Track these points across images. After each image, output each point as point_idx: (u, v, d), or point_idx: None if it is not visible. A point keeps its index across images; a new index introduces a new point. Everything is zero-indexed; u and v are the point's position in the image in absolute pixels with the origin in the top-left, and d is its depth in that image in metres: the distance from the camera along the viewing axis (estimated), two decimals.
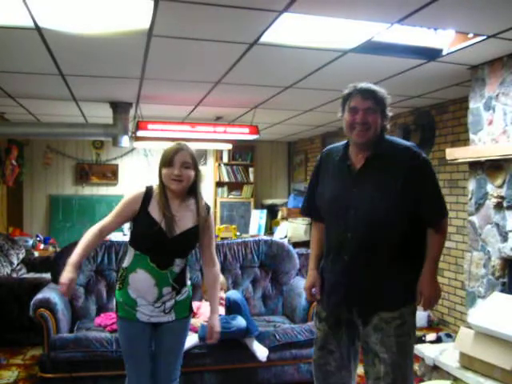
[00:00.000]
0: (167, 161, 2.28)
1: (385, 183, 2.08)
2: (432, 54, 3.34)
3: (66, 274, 2.16)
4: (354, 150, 2.18)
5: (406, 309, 2.13)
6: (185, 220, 2.31)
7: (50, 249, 6.74)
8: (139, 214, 2.29)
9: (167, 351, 2.39)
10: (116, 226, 2.38)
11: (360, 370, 2.31)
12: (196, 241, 2.37)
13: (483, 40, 2.99)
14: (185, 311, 2.40)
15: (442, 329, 4.83)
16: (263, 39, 3.02)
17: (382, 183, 2.09)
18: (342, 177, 2.19)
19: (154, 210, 2.28)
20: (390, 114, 2.15)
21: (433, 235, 2.15)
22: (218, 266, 2.50)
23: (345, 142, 2.26)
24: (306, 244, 6.23)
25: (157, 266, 2.27)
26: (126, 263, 2.35)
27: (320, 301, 2.33)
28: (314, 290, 2.32)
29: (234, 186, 8.82)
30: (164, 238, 2.26)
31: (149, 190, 2.33)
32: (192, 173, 2.30)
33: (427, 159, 2.16)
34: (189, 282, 2.45)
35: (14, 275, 4.96)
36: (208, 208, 2.43)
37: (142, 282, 2.27)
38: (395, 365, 2.07)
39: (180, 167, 2.26)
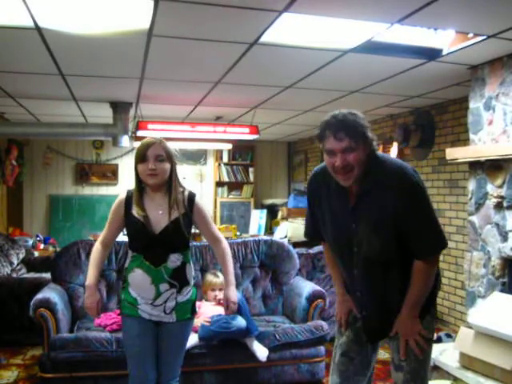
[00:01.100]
0: (141, 156, 2.31)
1: (377, 221, 1.91)
2: (432, 54, 3.34)
3: (89, 299, 2.36)
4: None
5: (424, 319, 2.06)
6: (172, 212, 2.33)
7: (50, 249, 6.73)
8: (126, 218, 2.37)
9: (167, 351, 2.39)
10: (114, 235, 2.48)
11: None
12: (185, 231, 2.35)
13: (483, 40, 2.99)
14: (186, 313, 2.39)
15: (442, 329, 4.83)
16: (263, 39, 3.02)
17: (375, 221, 1.92)
18: (341, 209, 2.02)
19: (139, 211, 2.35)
20: (373, 136, 1.91)
21: (418, 265, 1.94)
22: (224, 242, 2.51)
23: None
24: (305, 244, 6.23)
25: (151, 263, 2.31)
26: (126, 264, 2.44)
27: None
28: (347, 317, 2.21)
29: (233, 186, 8.82)
30: (150, 235, 2.30)
31: (130, 193, 2.40)
32: (167, 165, 2.32)
33: (418, 183, 1.90)
34: (192, 282, 2.44)
35: (14, 275, 4.96)
36: (192, 196, 2.42)
37: (139, 280, 2.33)
38: (414, 372, 2.02)
39: (154, 161, 2.28)
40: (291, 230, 7.20)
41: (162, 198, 2.35)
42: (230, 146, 7.29)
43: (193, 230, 2.48)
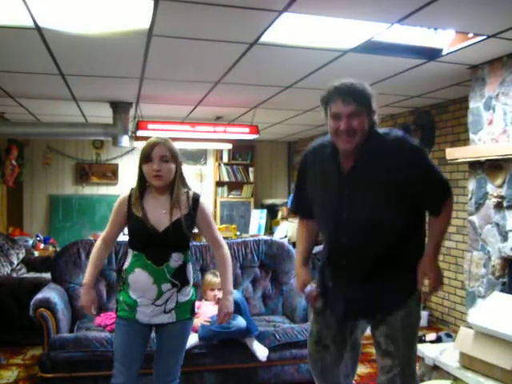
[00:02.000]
0: (145, 156, 2.28)
1: (376, 183, 1.98)
2: (432, 54, 3.34)
3: (84, 297, 2.34)
4: (342, 150, 2.05)
5: (411, 299, 2.07)
6: (174, 212, 2.30)
7: (50, 248, 6.73)
8: (129, 216, 2.33)
9: (167, 352, 2.38)
10: (116, 233, 2.44)
11: (360, 370, 2.31)
12: (186, 232, 2.34)
13: (483, 40, 2.99)
14: (186, 313, 2.39)
15: (442, 329, 4.83)
16: (263, 39, 3.02)
17: (373, 183, 1.98)
18: (333, 178, 2.07)
19: (143, 208, 2.32)
20: (376, 108, 2.00)
21: (435, 219, 2.07)
22: (225, 247, 2.46)
23: (325, 138, 2.16)
24: None
25: (153, 262, 2.27)
26: (126, 265, 2.37)
27: (317, 296, 2.20)
28: (308, 287, 2.19)
29: (233, 186, 8.81)
30: (153, 233, 2.27)
31: (133, 191, 2.38)
32: (172, 166, 2.29)
33: (415, 145, 2.05)
34: (192, 282, 2.43)
35: (14, 275, 4.96)
36: (197, 197, 2.39)
37: (140, 280, 2.28)
38: (402, 357, 2.03)
39: (159, 161, 2.25)
40: (291, 229, 7.19)
41: (166, 197, 2.32)
42: (229, 146, 7.29)
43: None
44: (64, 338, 3.17)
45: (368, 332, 2.24)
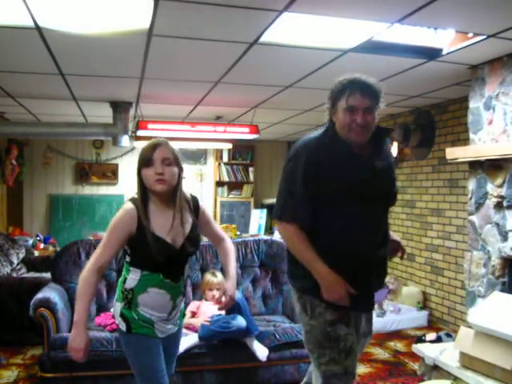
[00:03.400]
0: (146, 159, 2.05)
1: (389, 171, 2.16)
2: (432, 54, 3.34)
3: (79, 338, 1.96)
4: (350, 143, 2.04)
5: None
6: (185, 224, 2.14)
7: (50, 248, 6.73)
8: (138, 234, 2.03)
9: (170, 358, 2.32)
10: (113, 257, 2.14)
11: (360, 370, 2.31)
12: (198, 237, 2.23)
13: (483, 40, 2.99)
14: (182, 317, 2.33)
15: (442, 328, 4.83)
16: (263, 39, 3.02)
17: (389, 176, 2.17)
18: (360, 167, 2.06)
19: (155, 225, 2.06)
20: (383, 104, 2.06)
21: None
22: (228, 241, 2.34)
23: (323, 132, 2.09)
24: None
25: (172, 280, 2.10)
26: (130, 284, 2.10)
27: (328, 307, 2.08)
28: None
29: (233, 186, 8.81)
30: (172, 251, 2.07)
31: (136, 205, 2.07)
32: (175, 170, 2.08)
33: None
34: None
35: (14, 275, 4.96)
36: (196, 201, 2.25)
37: (156, 300, 2.09)
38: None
39: (161, 164, 2.04)
40: None
41: (170, 207, 2.10)
42: (229, 146, 7.29)
43: None
44: (64, 338, 3.16)
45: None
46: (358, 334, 2.19)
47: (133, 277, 2.09)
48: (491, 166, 3.41)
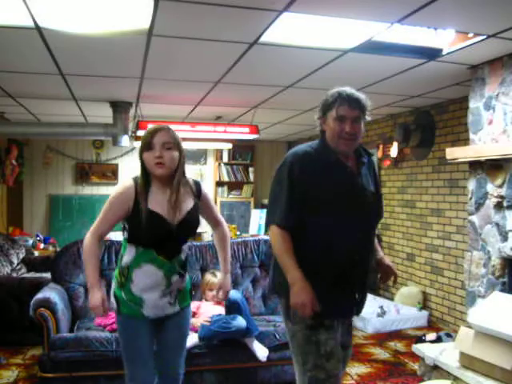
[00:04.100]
0: (146, 143, 2.14)
1: (369, 182, 2.23)
2: (432, 54, 3.34)
3: (96, 295, 2.13)
4: (340, 154, 2.15)
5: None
6: (184, 203, 2.22)
7: (50, 248, 6.74)
8: (135, 210, 2.13)
9: (176, 344, 2.35)
10: (111, 228, 2.22)
11: (360, 370, 2.31)
12: (198, 221, 2.32)
13: (483, 40, 2.99)
14: (186, 300, 2.37)
15: (442, 329, 4.83)
16: (263, 39, 3.02)
17: (369, 182, 2.23)
18: (347, 178, 2.15)
19: (152, 202, 2.16)
20: (368, 118, 2.16)
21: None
22: (225, 226, 2.47)
23: (314, 143, 2.20)
24: None
25: (165, 257, 2.18)
26: (126, 260, 2.21)
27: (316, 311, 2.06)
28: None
29: (233, 186, 8.82)
30: (168, 228, 2.16)
31: (137, 182, 2.19)
32: (175, 154, 2.16)
33: None
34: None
35: (14, 275, 4.96)
36: (199, 184, 2.35)
37: (148, 275, 2.17)
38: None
39: (161, 149, 2.12)
40: None
41: (170, 189, 2.18)
42: (230, 146, 7.29)
43: None
44: (64, 338, 3.17)
45: (369, 332, 2.30)
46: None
47: (129, 253, 2.20)
48: (491, 166, 3.41)
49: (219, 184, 8.73)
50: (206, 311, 3.49)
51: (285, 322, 2.25)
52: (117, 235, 6.07)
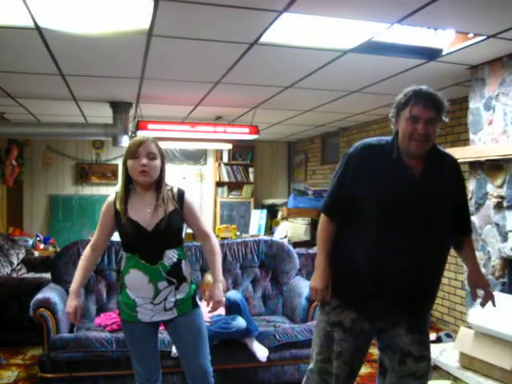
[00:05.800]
0: (132, 152, 2.28)
1: (442, 190, 2.08)
2: (432, 54, 3.34)
3: (70, 303, 2.35)
4: (405, 154, 2.06)
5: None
6: (161, 208, 2.31)
7: (50, 249, 6.74)
8: (116, 219, 2.35)
9: (189, 345, 2.40)
10: (105, 238, 2.46)
11: (361, 370, 2.30)
12: (176, 227, 2.36)
13: (483, 40, 2.99)
14: (188, 307, 2.39)
15: (442, 329, 4.83)
16: (263, 39, 3.02)
17: (441, 191, 2.08)
18: (404, 178, 2.05)
19: (131, 208, 2.34)
20: (446, 119, 2.05)
21: (469, 238, 2.30)
22: (213, 238, 2.49)
23: (387, 139, 2.13)
24: (306, 244, 6.23)
25: (147, 261, 2.29)
26: (122, 266, 2.42)
27: (336, 308, 2.15)
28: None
29: (233, 186, 8.82)
30: (143, 233, 2.29)
31: (117, 194, 2.40)
32: (158, 163, 2.32)
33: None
34: (189, 278, 2.42)
35: (14, 275, 4.96)
36: (182, 193, 2.41)
37: (136, 281, 2.31)
38: (429, 360, 2.20)
39: (146, 158, 2.27)
40: (291, 230, 7.20)
41: (151, 196, 2.33)
42: (229, 146, 7.29)
43: (190, 230, 2.49)
44: (64, 338, 3.17)
45: None
46: (394, 350, 2.16)
47: (123, 259, 2.40)
48: (491, 167, 3.41)
49: (219, 184, 8.73)
50: (205, 311, 3.48)
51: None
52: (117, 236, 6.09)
